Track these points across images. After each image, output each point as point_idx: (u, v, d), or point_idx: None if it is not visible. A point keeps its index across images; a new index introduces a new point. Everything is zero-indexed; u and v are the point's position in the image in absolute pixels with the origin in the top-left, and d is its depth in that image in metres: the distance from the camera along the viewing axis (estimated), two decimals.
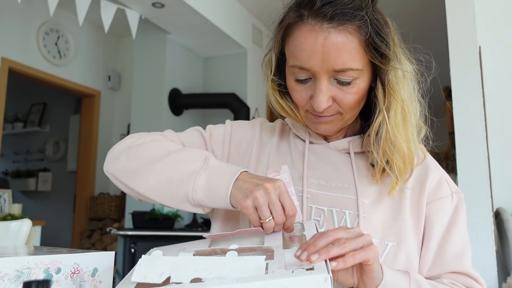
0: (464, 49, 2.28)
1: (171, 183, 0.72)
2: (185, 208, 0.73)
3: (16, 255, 0.62)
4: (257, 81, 4.25)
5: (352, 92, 0.72)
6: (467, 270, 0.76)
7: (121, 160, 0.79)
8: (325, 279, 0.52)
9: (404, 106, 0.74)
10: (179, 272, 0.57)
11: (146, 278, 0.57)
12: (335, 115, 0.75)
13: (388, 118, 0.74)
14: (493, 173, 2.41)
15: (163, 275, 0.57)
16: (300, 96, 0.75)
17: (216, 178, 0.69)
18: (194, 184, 0.70)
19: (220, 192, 0.68)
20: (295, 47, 0.72)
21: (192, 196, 0.70)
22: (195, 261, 0.58)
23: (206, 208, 0.73)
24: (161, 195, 0.74)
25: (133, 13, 3.34)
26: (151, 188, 0.74)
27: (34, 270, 0.59)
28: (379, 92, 0.74)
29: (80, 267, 0.64)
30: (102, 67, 4.60)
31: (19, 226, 1.30)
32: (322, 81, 0.71)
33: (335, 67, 0.69)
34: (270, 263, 0.56)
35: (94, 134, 4.47)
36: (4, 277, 0.56)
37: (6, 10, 3.71)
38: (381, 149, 0.75)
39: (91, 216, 4.26)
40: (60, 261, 0.62)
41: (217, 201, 0.69)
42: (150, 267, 0.58)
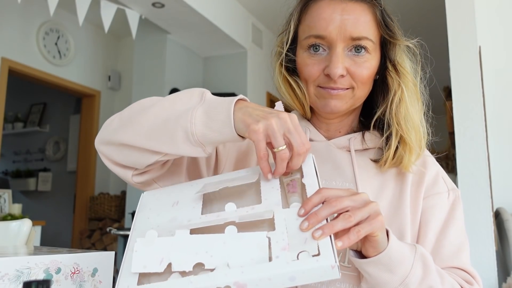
0: (464, 49, 2.28)
1: (167, 123, 0.65)
2: (184, 150, 0.65)
3: (16, 255, 0.62)
4: (257, 81, 4.25)
5: (365, 66, 0.75)
6: (465, 265, 0.76)
7: (113, 123, 0.73)
8: (332, 266, 0.50)
9: (415, 84, 0.79)
10: (179, 256, 0.54)
11: (146, 268, 0.54)
12: (348, 90, 0.76)
13: (406, 92, 0.77)
14: (493, 173, 2.41)
15: (163, 261, 0.54)
16: (312, 69, 0.76)
17: (214, 106, 0.63)
18: (192, 116, 0.63)
19: (221, 117, 0.61)
20: (313, 18, 0.76)
21: (191, 130, 0.62)
22: (194, 242, 0.55)
23: (208, 148, 0.65)
24: (156, 138, 0.66)
25: (133, 13, 3.34)
26: (145, 132, 0.66)
27: (34, 270, 0.59)
28: (392, 72, 0.79)
29: (80, 267, 0.64)
30: (102, 67, 4.60)
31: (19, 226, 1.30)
32: (338, 49, 0.74)
33: (353, 34, 0.73)
34: (272, 239, 0.53)
35: (94, 134, 4.47)
36: (4, 277, 0.56)
37: (6, 10, 3.71)
38: (397, 125, 0.77)
39: (91, 216, 4.26)
40: (60, 261, 0.62)
41: (218, 128, 0.61)
42: (148, 254, 0.55)
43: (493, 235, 2.11)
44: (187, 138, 0.63)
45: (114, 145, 0.71)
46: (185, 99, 0.67)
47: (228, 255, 0.53)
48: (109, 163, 0.75)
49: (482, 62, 2.36)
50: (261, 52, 4.32)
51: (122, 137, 0.68)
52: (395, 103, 0.78)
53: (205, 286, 0.50)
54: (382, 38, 0.79)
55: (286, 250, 0.52)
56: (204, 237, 0.55)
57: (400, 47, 0.79)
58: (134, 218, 0.63)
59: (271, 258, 0.52)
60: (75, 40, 4.32)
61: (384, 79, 0.81)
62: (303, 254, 0.52)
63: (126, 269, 0.56)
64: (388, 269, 0.62)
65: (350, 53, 0.75)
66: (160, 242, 0.55)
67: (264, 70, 4.35)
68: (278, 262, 0.51)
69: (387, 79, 0.80)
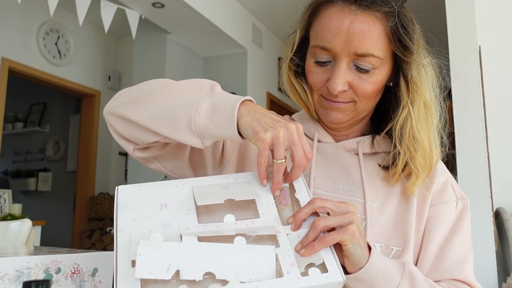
0: (464, 49, 2.28)
1: (173, 107, 0.65)
2: (185, 137, 0.65)
3: (16, 255, 0.62)
4: (257, 81, 4.25)
5: (370, 81, 0.72)
6: (467, 278, 0.74)
7: (122, 96, 0.74)
8: (339, 283, 0.54)
9: (426, 102, 0.74)
10: (188, 264, 0.52)
11: (152, 274, 0.51)
12: (349, 103, 0.74)
13: (412, 113, 0.74)
14: (493, 173, 2.41)
15: (171, 268, 0.51)
16: (316, 79, 0.74)
17: (222, 101, 0.63)
18: (198, 107, 0.63)
19: (226, 113, 0.62)
20: (321, 26, 0.73)
21: (194, 120, 0.63)
22: (203, 250, 0.53)
23: (207, 141, 0.65)
24: (160, 121, 0.66)
25: (133, 13, 3.34)
26: (151, 113, 0.67)
27: (34, 270, 0.59)
28: (403, 87, 0.74)
29: (80, 267, 0.64)
30: (102, 67, 4.60)
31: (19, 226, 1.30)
32: (341, 64, 0.71)
33: (357, 50, 0.69)
34: (279, 255, 0.55)
35: (94, 134, 4.47)
36: (4, 277, 0.56)
37: (6, 10, 3.71)
38: (404, 145, 0.74)
39: (91, 216, 4.26)
40: (60, 261, 0.62)
41: (221, 123, 0.62)
42: (154, 258, 0.51)
43: (493, 235, 2.11)
44: (189, 126, 0.63)
45: (120, 118, 0.71)
46: (195, 88, 0.68)
47: (238, 266, 0.53)
48: (114, 133, 0.76)
49: (482, 62, 2.36)
50: (261, 52, 4.32)
51: (128, 113, 0.69)
52: (401, 121, 0.75)
53: None
54: (393, 52, 0.74)
55: (295, 266, 0.54)
56: (213, 246, 0.54)
57: (415, 62, 0.74)
58: (115, 216, 0.59)
59: (280, 273, 0.54)
60: (75, 40, 4.32)
61: (395, 92, 0.77)
62: (312, 270, 0.55)
63: (124, 277, 0.52)
64: (371, 286, 0.61)
65: (354, 67, 0.72)
66: (166, 247, 0.52)
67: (264, 70, 4.35)
68: (290, 278, 0.53)
69: (399, 91, 0.76)
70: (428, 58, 0.76)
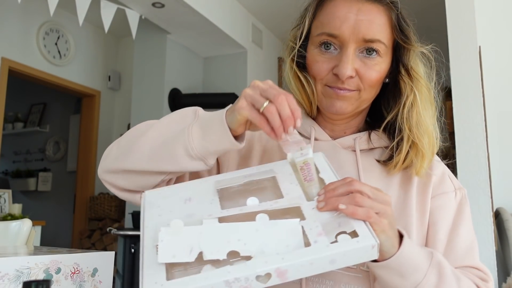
0: (464, 49, 2.28)
1: (165, 143, 0.67)
2: (187, 165, 0.67)
3: (16, 255, 0.62)
4: None
5: (375, 69, 0.74)
6: (478, 264, 0.76)
7: (112, 152, 0.75)
8: (372, 246, 0.51)
9: (428, 88, 0.78)
10: (210, 245, 0.51)
11: (175, 257, 0.50)
12: (354, 91, 0.75)
13: (419, 99, 0.77)
14: (493, 173, 2.41)
15: (194, 251, 0.50)
16: (322, 67, 0.75)
17: (208, 119, 0.66)
18: (188, 133, 0.65)
19: (216, 127, 0.63)
20: (327, 15, 0.75)
21: (189, 146, 0.65)
22: (224, 230, 0.52)
23: (210, 159, 0.67)
24: (158, 159, 0.68)
25: (133, 13, 3.34)
26: (146, 155, 0.68)
27: (34, 270, 0.59)
28: (405, 76, 0.78)
29: (80, 267, 0.64)
30: (102, 67, 4.60)
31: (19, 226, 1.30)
32: (349, 49, 0.73)
33: (366, 36, 0.72)
34: (305, 227, 0.53)
35: (94, 134, 4.47)
36: (4, 277, 0.56)
37: (6, 10, 3.71)
38: (409, 131, 0.76)
39: (91, 216, 4.26)
40: (60, 261, 0.62)
41: (216, 138, 0.64)
42: (175, 243, 0.51)
43: (493, 235, 2.11)
44: (187, 153, 0.65)
45: (118, 172, 0.73)
46: (179, 120, 0.70)
47: (263, 242, 0.51)
48: (115, 190, 0.77)
49: (482, 62, 2.36)
50: (261, 52, 4.32)
51: (124, 164, 0.71)
52: (407, 107, 0.77)
53: (244, 275, 0.48)
54: (395, 41, 0.78)
55: (323, 235, 0.52)
56: (234, 225, 0.53)
57: (414, 52, 0.78)
58: (142, 217, 0.60)
59: (308, 243, 0.51)
60: (75, 40, 4.32)
61: (396, 83, 0.80)
62: (342, 236, 0.52)
63: (148, 265, 0.51)
64: (399, 274, 0.62)
65: (361, 54, 0.74)
66: (187, 231, 0.52)
67: (264, 70, 4.35)
68: (318, 246, 0.50)
69: (400, 83, 0.79)
70: (423, 48, 0.79)
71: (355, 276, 0.71)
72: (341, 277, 0.71)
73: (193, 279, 0.48)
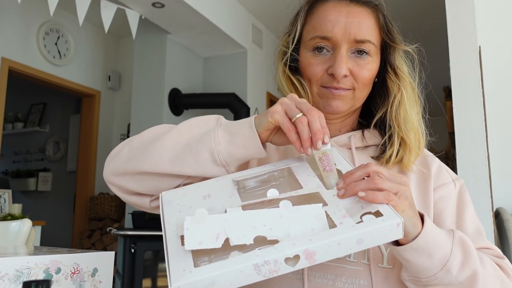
0: (464, 49, 2.28)
1: (190, 146, 0.67)
2: (209, 170, 0.66)
3: (16, 255, 0.62)
4: (257, 81, 4.25)
5: (367, 68, 0.78)
6: (489, 244, 0.78)
7: (123, 153, 0.74)
8: (397, 224, 0.52)
9: (413, 87, 0.83)
10: (236, 231, 0.51)
11: (201, 244, 0.50)
12: (349, 90, 0.78)
13: (405, 96, 0.81)
14: (493, 173, 2.41)
15: (220, 237, 0.50)
16: (316, 68, 0.79)
17: (235, 125, 0.67)
18: (215, 136, 0.66)
19: (245, 132, 0.65)
20: (319, 19, 0.79)
21: (216, 149, 0.65)
22: (249, 217, 0.52)
23: (232, 167, 0.67)
24: (181, 162, 0.67)
25: (133, 13, 3.34)
26: (167, 157, 0.68)
27: (34, 270, 0.59)
28: (392, 76, 0.82)
29: (80, 267, 0.64)
30: (102, 67, 4.60)
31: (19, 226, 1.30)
32: (342, 50, 0.77)
33: (357, 36, 0.77)
34: (329, 211, 0.54)
35: (94, 134, 4.47)
36: (4, 277, 0.56)
37: (6, 10, 3.71)
38: (398, 127, 0.80)
39: (91, 216, 4.26)
40: (60, 261, 0.62)
41: (243, 143, 0.65)
42: (201, 230, 0.50)
43: (493, 235, 2.11)
44: (212, 158, 0.66)
45: (130, 175, 0.72)
46: (201, 124, 0.72)
47: (288, 227, 0.51)
48: (122, 193, 0.76)
49: (482, 62, 2.36)
50: (261, 52, 4.32)
51: (140, 166, 0.70)
52: (395, 105, 0.81)
53: (273, 257, 0.48)
54: (382, 42, 0.82)
55: (347, 217, 0.52)
56: (258, 212, 0.53)
57: (399, 52, 0.83)
58: (162, 215, 0.60)
59: (333, 225, 0.52)
60: (75, 40, 4.32)
61: (384, 82, 0.84)
62: (367, 217, 0.52)
63: (174, 254, 0.51)
64: (427, 254, 0.61)
65: (353, 55, 0.78)
66: (212, 219, 0.52)
67: (264, 70, 4.35)
68: (344, 226, 0.51)
69: (387, 82, 0.83)
70: (408, 47, 0.84)
71: (356, 269, 0.72)
72: (343, 271, 0.72)
73: (222, 264, 0.48)
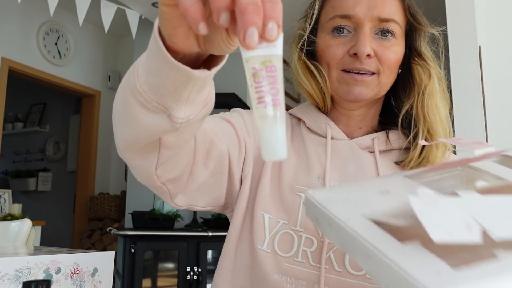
0: (464, 49, 2.28)
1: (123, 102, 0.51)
2: (146, 122, 0.49)
3: (16, 255, 0.62)
4: None
5: (392, 50, 0.71)
6: None
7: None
8: None
9: (441, 76, 0.75)
10: (491, 220, 0.35)
11: (451, 235, 0.33)
12: (373, 75, 0.71)
13: (436, 87, 0.73)
14: None
15: (472, 227, 0.34)
16: (337, 49, 0.71)
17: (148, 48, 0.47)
18: (134, 68, 0.49)
19: (151, 43, 0.46)
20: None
21: (135, 86, 0.47)
22: (499, 203, 0.37)
23: (169, 104, 0.47)
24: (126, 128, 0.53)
25: (133, 13, 3.34)
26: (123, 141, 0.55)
27: (34, 270, 0.59)
28: (420, 61, 0.75)
29: (80, 267, 0.64)
30: (102, 67, 4.60)
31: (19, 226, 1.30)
32: (365, 28, 0.70)
33: (381, 15, 0.70)
34: None
35: (94, 134, 4.47)
36: (4, 277, 0.56)
37: (6, 10, 3.71)
38: (425, 122, 0.72)
39: (91, 216, 4.26)
40: (60, 261, 0.62)
41: (150, 51, 0.46)
42: (438, 217, 0.35)
43: None
44: (136, 100, 0.47)
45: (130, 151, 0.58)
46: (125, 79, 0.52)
47: None
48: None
49: (482, 62, 2.36)
50: None
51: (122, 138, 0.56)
52: (426, 96, 0.73)
53: None
54: (407, 25, 0.75)
55: None
56: (504, 199, 0.38)
57: (425, 37, 0.76)
58: (325, 214, 0.44)
59: None
60: (75, 40, 4.32)
61: (409, 71, 0.76)
62: None
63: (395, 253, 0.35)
64: None
65: (376, 36, 0.71)
66: (445, 204, 0.37)
67: None
68: None
69: (413, 70, 0.75)
70: (434, 30, 0.77)
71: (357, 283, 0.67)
72: None
73: (499, 269, 0.32)
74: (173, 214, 3.18)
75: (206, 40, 0.44)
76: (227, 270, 0.73)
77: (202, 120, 0.53)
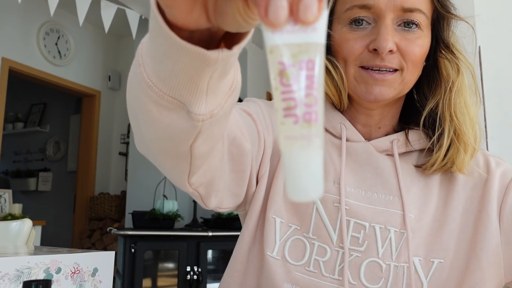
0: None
1: (135, 98, 0.43)
2: (164, 121, 0.41)
3: (16, 255, 0.62)
4: (257, 81, 4.25)
5: (417, 44, 0.64)
6: None
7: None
8: None
9: (471, 72, 0.68)
10: None
11: None
12: (396, 72, 0.64)
13: (465, 83, 0.67)
14: None
15: None
16: (355, 44, 0.64)
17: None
18: (138, 57, 0.44)
19: (151, 19, 0.35)
20: None
21: (144, 80, 0.40)
22: None
23: (185, 97, 0.38)
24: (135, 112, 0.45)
25: (133, 13, 3.34)
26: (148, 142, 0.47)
27: (34, 270, 0.59)
28: (447, 54, 0.68)
29: (80, 267, 0.64)
30: (102, 67, 4.60)
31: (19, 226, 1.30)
32: (387, 20, 0.62)
33: (405, 4, 0.62)
34: None
35: (94, 134, 4.47)
36: (4, 277, 0.56)
37: (6, 10, 3.72)
38: (452, 121, 0.65)
39: (91, 216, 4.26)
40: (60, 261, 0.62)
41: (152, 26, 0.35)
42: None
43: None
44: (147, 96, 0.40)
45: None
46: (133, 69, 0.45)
47: None
48: None
49: (482, 62, 2.36)
50: (261, 52, 4.32)
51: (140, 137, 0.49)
52: (453, 92, 0.66)
53: None
54: (434, 14, 0.67)
55: None
56: None
57: (454, 27, 0.69)
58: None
59: None
60: (75, 40, 4.32)
61: (436, 65, 0.69)
62: None
63: None
64: None
65: (399, 27, 0.64)
66: None
67: (264, 70, 4.35)
68: None
69: (440, 64, 0.68)
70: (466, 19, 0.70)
71: None
72: None
73: None
74: (173, 214, 3.18)
75: (218, 12, 0.32)
76: (239, 273, 0.69)
77: (230, 113, 0.43)
